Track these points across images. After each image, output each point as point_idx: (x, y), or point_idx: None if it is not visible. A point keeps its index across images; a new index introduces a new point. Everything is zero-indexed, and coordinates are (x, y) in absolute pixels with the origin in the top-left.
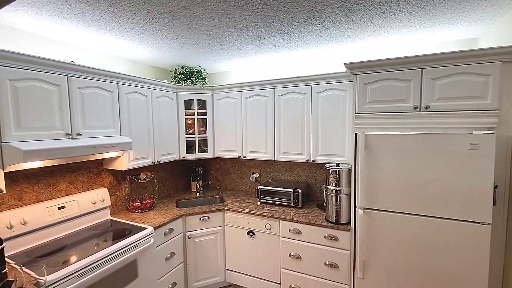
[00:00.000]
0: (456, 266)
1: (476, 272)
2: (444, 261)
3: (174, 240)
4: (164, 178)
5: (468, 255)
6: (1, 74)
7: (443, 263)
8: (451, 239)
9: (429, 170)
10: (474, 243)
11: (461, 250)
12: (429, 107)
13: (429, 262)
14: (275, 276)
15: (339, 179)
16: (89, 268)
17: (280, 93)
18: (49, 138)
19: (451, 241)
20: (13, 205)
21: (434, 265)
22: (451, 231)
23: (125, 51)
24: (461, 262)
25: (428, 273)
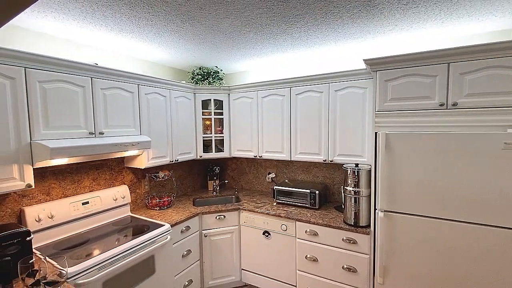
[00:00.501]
0: (487, 276)
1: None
2: (473, 270)
3: (190, 238)
4: (182, 176)
5: (502, 264)
6: (31, 76)
7: (472, 272)
8: (481, 246)
9: (456, 171)
10: (509, 251)
11: (493, 258)
12: (457, 104)
13: (455, 270)
14: (291, 278)
15: (358, 180)
16: (109, 261)
17: (296, 92)
18: (74, 136)
19: (482, 248)
20: (42, 199)
21: (461, 274)
22: (482, 237)
23: (145, 53)
24: (493, 272)
25: (454, 282)
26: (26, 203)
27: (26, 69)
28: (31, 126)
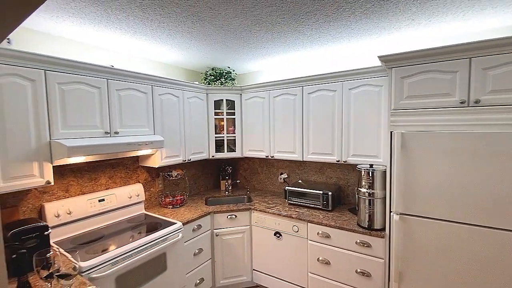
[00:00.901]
0: (509, 283)
1: None
2: (497, 279)
3: (202, 237)
4: (195, 176)
5: None
6: (51, 78)
7: (493, 280)
8: (504, 252)
9: (478, 173)
10: None
11: None
12: (479, 101)
13: (475, 277)
14: (303, 281)
15: (373, 181)
16: (122, 257)
17: (309, 91)
18: (91, 136)
19: (505, 255)
20: (61, 196)
21: (482, 281)
22: (505, 243)
23: (159, 54)
24: None
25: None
26: (46, 199)
27: (46, 71)
28: (50, 126)
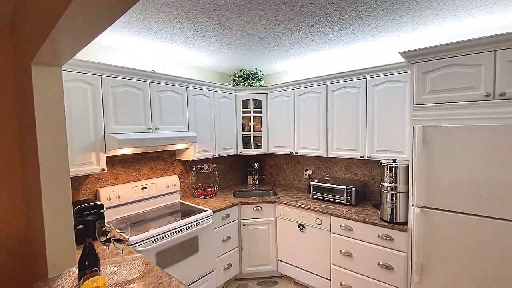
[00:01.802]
0: None
1: None
2: None
3: (230, 225)
4: (225, 171)
5: None
6: (105, 83)
7: None
8: None
9: (503, 167)
10: None
11: None
12: (505, 94)
13: (499, 271)
14: (326, 272)
15: (395, 175)
16: (161, 236)
17: (333, 88)
18: (136, 131)
19: None
20: (112, 183)
21: (505, 275)
22: None
23: (193, 59)
24: None
25: (497, 284)
26: (100, 185)
27: (102, 77)
28: (105, 122)
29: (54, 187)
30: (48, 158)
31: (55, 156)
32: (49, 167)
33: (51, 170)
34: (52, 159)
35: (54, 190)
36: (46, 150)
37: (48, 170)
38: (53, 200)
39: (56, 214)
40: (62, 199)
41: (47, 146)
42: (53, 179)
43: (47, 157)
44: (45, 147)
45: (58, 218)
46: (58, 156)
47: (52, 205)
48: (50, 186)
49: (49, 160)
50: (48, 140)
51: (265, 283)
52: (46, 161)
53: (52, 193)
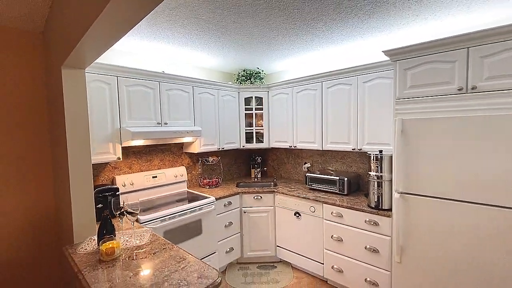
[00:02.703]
0: (505, 259)
1: None
2: (489, 252)
3: (232, 212)
4: (229, 164)
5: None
6: (121, 82)
7: (488, 254)
8: (499, 228)
9: (473, 154)
10: None
11: (506, 239)
12: (476, 88)
13: (470, 251)
14: (319, 256)
15: (381, 165)
16: (169, 216)
17: (327, 85)
18: (147, 125)
19: (499, 230)
20: (126, 171)
21: (476, 255)
22: (499, 219)
23: (199, 60)
24: (505, 252)
25: (469, 263)
26: (116, 173)
27: (118, 77)
28: (120, 117)
29: (79, 171)
30: (74, 147)
31: (80, 145)
32: (76, 155)
33: (77, 157)
34: (78, 147)
35: (79, 174)
36: (73, 140)
37: (75, 157)
38: (78, 182)
39: (81, 193)
40: (85, 181)
41: (74, 136)
42: (78, 165)
43: (73, 146)
44: (72, 138)
45: (82, 197)
46: (82, 145)
47: (77, 186)
48: (76, 170)
49: (75, 148)
50: (74, 131)
51: (264, 267)
52: (73, 150)
53: (78, 176)
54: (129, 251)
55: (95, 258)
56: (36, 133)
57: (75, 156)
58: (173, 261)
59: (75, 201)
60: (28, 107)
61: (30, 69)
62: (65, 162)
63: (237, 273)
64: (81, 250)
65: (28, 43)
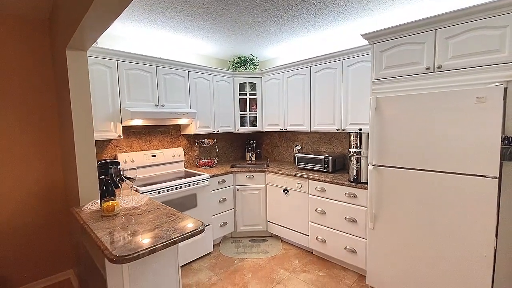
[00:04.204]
0: (462, 219)
1: (483, 225)
2: (450, 214)
3: (226, 190)
4: (225, 148)
5: (475, 208)
6: (120, 66)
7: (449, 216)
8: (457, 192)
9: (435, 127)
10: (481, 196)
11: (468, 203)
12: (441, 67)
13: (434, 214)
14: (305, 229)
15: (359, 142)
16: (166, 189)
17: (315, 70)
18: (145, 107)
19: (457, 194)
20: (127, 150)
21: (440, 218)
22: (457, 185)
23: (194, 46)
24: (468, 215)
25: (434, 225)
26: (118, 151)
27: (118, 61)
28: (120, 98)
29: (84, 145)
30: (79, 123)
31: (84, 122)
32: (80, 130)
33: (82, 132)
34: (82, 124)
35: (84, 147)
36: (78, 117)
37: (80, 132)
38: (83, 154)
39: (86, 163)
40: (89, 153)
41: (79, 114)
42: (83, 139)
43: (79, 122)
44: (77, 115)
45: (86, 165)
46: (86, 122)
47: (83, 157)
48: (81, 144)
49: (80, 124)
50: (79, 109)
51: (256, 240)
52: (78, 126)
53: (83, 149)
54: (127, 210)
55: (98, 215)
56: (47, 114)
57: (79, 131)
58: (165, 216)
59: (81, 169)
60: (39, 92)
61: (39, 54)
62: (71, 137)
63: (230, 245)
64: (86, 209)
65: (35, 30)
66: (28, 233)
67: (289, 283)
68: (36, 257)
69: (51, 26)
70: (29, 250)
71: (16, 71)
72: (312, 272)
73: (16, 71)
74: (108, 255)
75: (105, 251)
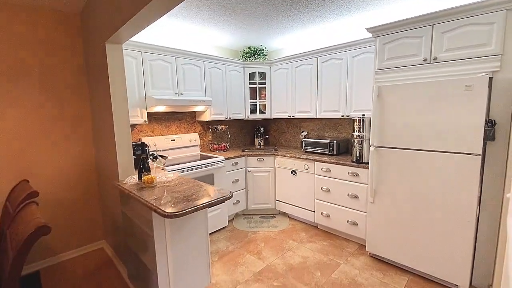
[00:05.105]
0: (450, 191)
1: (468, 196)
2: (440, 187)
3: (238, 171)
4: (235, 134)
5: (461, 182)
6: (145, 57)
7: (439, 189)
8: (446, 168)
9: (429, 112)
10: (467, 171)
11: (455, 177)
12: (436, 58)
13: (426, 187)
14: (311, 205)
15: (362, 126)
16: (187, 169)
17: (322, 60)
18: (167, 94)
19: (446, 170)
20: (150, 134)
21: (431, 190)
22: (446, 161)
23: (210, 38)
24: (455, 188)
25: (425, 196)
26: (141, 135)
27: (142, 53)
28: (145, 86)
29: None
30: (118, 109)
31: (121, 108)
32: (119, 115)
33: (120, 117)
34: (120, 109)
35: (121, 130)
36: (116, 103)
37: (118, 117)
38: (121, 136)
39: (123, 144)
40: (126, 135)
41: (117, 101)
42: (121, 123)
43: (117, 108)
44: (116, 102)
45: (124, 146)
46: (123, 107)
47: (121, 139)
48: (120, 127)
49: (118, 110)
50: (117, 96)
51: (265, 217)
52: (117, 111)
53: (121, 131)
54: (162, 183)
55: (139, 186)
56: (80, 101)
57: (118, 115)
58: (197, 187)
59: (119, 149)
60: (71, 82)
61: (71, 45)
62: (109, 120)
63: (242, 221)
64: (127, 182)
65: (68, 23)
66: (67, 207)
67: (298, 251)
68: (73, 228)
69: (84, 21)
70: (67, 221)
71: (48, 58)
72: (318, 242)
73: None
74: (161, 212)
75: (158, 209)
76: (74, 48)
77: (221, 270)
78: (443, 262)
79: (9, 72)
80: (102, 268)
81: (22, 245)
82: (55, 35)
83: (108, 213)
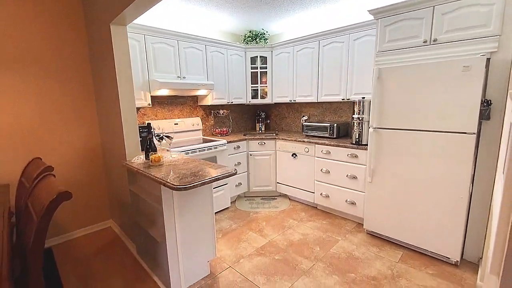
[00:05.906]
0: (445, 168)
1: (462, 173)
2: (435, 165)
3: (240, 155)
4: (237, 118)
5: (456, 160)
6: (148, 40)
7: (434, 166)
8: (442, 147)
9: (428, 93)
10: (462, 150)
11: (451, 156)
12: (436, 40)
13: (422, 166)
14: (311, 187)
15: (362, 108)
16: (191, 151)
17: (323, 44)
18: (170, 78)
19: (442, 149)
20: (153, 118)
21: (426, 168)
22: (443, 140)
23: (212, 21)
24: (450, 165)
25: (421, 174)
26: (145, 119)
27: (145, 36)
28: (148, 70)
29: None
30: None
31: (127, 90)
32: (125, 97)
33: (126, 99)
34: (126, 91)
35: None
36: (122, 86)
37: (124, 99)
38: (127, 118)
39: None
40: (132, 117)
41: (123, 83)
42: (127, 105)
43: (123, 90)
44: (121, 84)
45: (131, 128)
46: (129, 89)
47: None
48: (126, 109)
49: (124, 92)
50: (123, 78)
51: (266, 198)
52: (123, 93)
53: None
54: (169, 162)
55: (146, 165)
56: (83, 86)
57: (124, 97)
58: (203, 165)
59: (126, 130)
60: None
61: (73, 27)
62: (115, 102)
63: (244, 202)
64: (134, 161)
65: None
66: (76, 187)
67: (298, 229)
68: (81, 208)
69: (85, 3)
70: (75, 201)
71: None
72: (317, 221)
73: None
74: (170, 186)
75: (167, 183)
76: (75, 29)
77: (225, 246)
78: (436, 237)
79: (21, 58)
80: (111, 245)
81: (45, 210)
82: (55, 17)
83: (115, 193)
